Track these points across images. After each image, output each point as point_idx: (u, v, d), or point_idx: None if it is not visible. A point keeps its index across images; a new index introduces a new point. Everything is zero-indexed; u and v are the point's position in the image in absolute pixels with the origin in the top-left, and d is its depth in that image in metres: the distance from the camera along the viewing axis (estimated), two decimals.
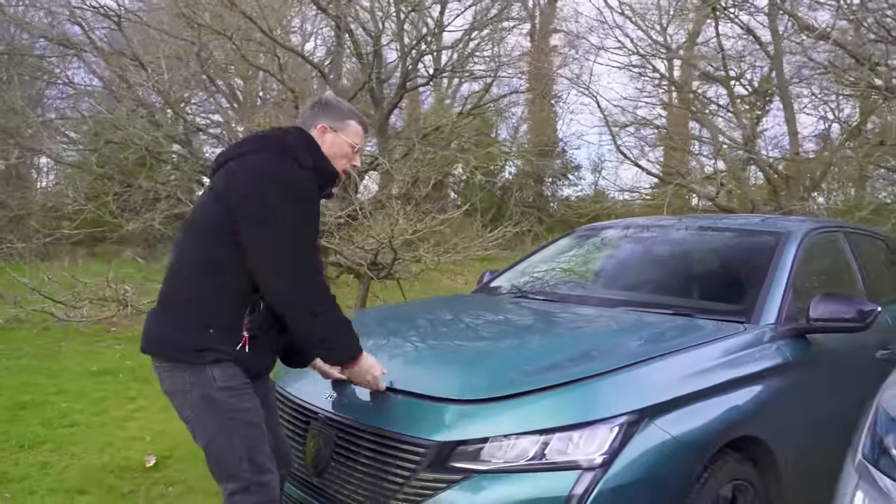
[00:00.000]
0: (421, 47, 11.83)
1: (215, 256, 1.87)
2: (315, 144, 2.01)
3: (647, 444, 1.84)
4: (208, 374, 1.84)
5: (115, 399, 4.83)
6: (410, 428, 1.91)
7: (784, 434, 2.26)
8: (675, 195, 11.17)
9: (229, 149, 2.05)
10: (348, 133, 2.07)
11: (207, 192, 2.02)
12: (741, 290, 2.71)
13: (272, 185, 1.84)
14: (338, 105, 2.09)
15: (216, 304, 1.86)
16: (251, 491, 1.86)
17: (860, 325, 2.44)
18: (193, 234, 1.95)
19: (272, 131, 2.06)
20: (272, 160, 1.90)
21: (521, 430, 1.84)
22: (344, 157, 2.07)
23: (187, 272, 1.92)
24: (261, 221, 1.83)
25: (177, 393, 1.89)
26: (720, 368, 2.15)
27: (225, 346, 1.86)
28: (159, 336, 1.91)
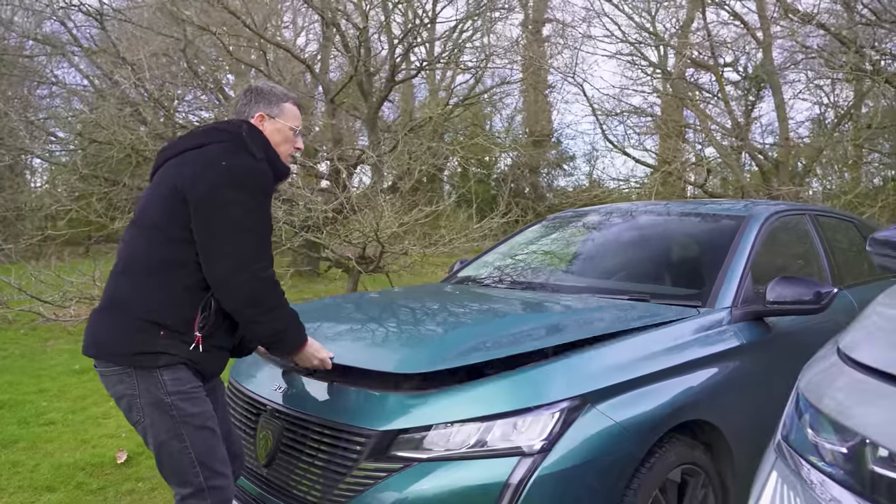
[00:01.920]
0: (409, 39, 11.79)
1: (165, 254, 1.82)
2: (264, 138, 1.97)
3: (588, 430, 1.83)
4: (158, 378, 1.78)
5: (95, 397, 4.83)
6: (352, 418, 1.91)
7: (737, 418, 2.25)
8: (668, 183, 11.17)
9: (177, 142, 1.98)
10: (286, 117, 2.03)
11: (151, 190, 1.94)
12: (700, 275, 2.70)
13: (230, 176, 1.81)
14: (270, 90, 2.05)
15: (166, 304, 1.80)
16: (204, 496, 1.82)
17: (816, 307, 2.42)
18: (140, 233, 1.89)
19: (224, 123, 2.01)
20: (228, 152, 1.86)
21: (464, 416, 1.83)
22: (286, 143, 2.04)
23: (135, 272, 1.84)
24: (218, 213, 1.79)
25: (124, 398, 1.82)
26: (669, 352, 2.14)
27: (177, 349, 1.80)
28: (106, 339, 1.83)
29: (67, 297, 8.16)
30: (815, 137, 11.98)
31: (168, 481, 1.88)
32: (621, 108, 12.51)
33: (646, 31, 11.58)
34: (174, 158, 1.92)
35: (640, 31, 11.58)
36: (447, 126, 14.68)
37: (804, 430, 1.22)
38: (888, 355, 1.19)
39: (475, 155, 15.11)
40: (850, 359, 1.23)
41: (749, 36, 11.06)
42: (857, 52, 8.51)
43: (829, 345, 1.42)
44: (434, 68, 14.10)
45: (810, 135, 12.61)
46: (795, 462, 1.22)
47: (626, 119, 12.39)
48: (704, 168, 10.43)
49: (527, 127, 19.47)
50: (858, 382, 1.18)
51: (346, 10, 11.53)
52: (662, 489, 2.01)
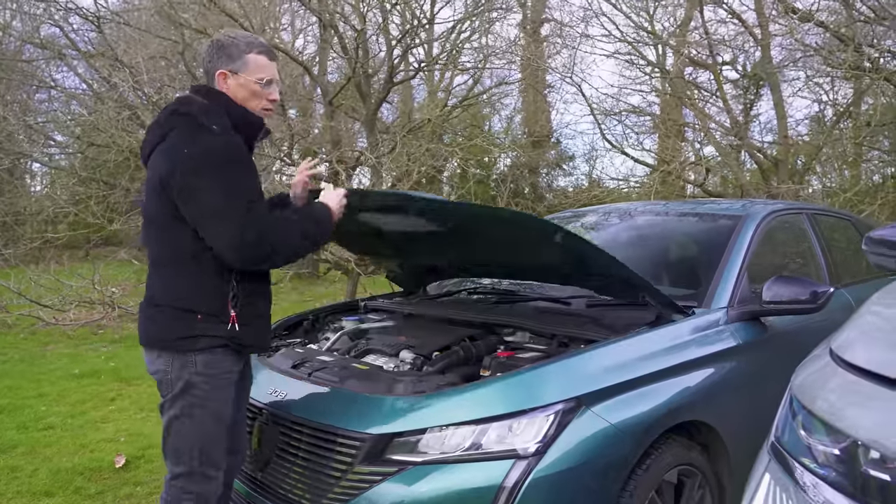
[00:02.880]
0: (407, 40, 11.79)
1: (178, 247, 1.86)
2: (223, 99, 1.91)
3: (583, 432, 1.83)
4: (192, 358, 1.85)
5: (95, 401, 4.83)
6: (347, 421, 1.91)
7: (734, 419, 2.25)
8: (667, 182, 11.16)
9: (149, 134, 1.95)
10: (249, 70, 1.93)
11: (147, 183, 1.95)
12: (696, 275, 2.70)
13: (192, 164, 1.79)
14: (231, 42, 1.94)
15: (195, 292, 1.85)
16: (193, 479, 1.87)
17: (813, 307, 2.42)
18: (152, 229, 1.92)
19: (181, 102, 1.94)
20: (186, 137, 1.83)
21: (459, 419, 1.83)
22: (255, 98, 1.95)
23: (161, 266, 1.91)
24: (192, 201, 1.79)
25: (158, 373, 1.90)
26: (665, 353, 2.14)
27: (215, 330, 1.85)
28: (150, 331, 1.91)
29: (67, 301, 8.18)
30: (814, 135, 11.97)
31: (166, 458, 1.93)
32: (620, 108, 12.51)
33: (644, 31, 11.56)
34: (154, 150, 1.91)
35: (638, 31, 11.57)
36: (446, 127, 14.67)
37: (797, 432, 1.22)
38: (880, 357, 1.19)
39: (474, 156, 15.09)
40: (843, 360, 1.23)
41: (747, 34, 11.06)
42: (856, 50, 8.50)
43: (822, 345, 1.42)
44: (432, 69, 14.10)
45: (809, 132, 12.60)
46: (788, 464, 1.22)
47: (624, 118, 12.39)
48: (703, 167, 10.41)
49: (526, 127, 19.45)
50: (851, 384, 1.18)
51: (343, 12, 11.54)
52: (659, 490, 2.00)
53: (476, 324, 2.54)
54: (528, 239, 2.16)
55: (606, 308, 2.53)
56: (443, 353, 2.29)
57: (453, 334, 2.44)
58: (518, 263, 2.52)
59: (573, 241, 2.09)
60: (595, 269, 2.25)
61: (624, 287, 2.30)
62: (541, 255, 2.26)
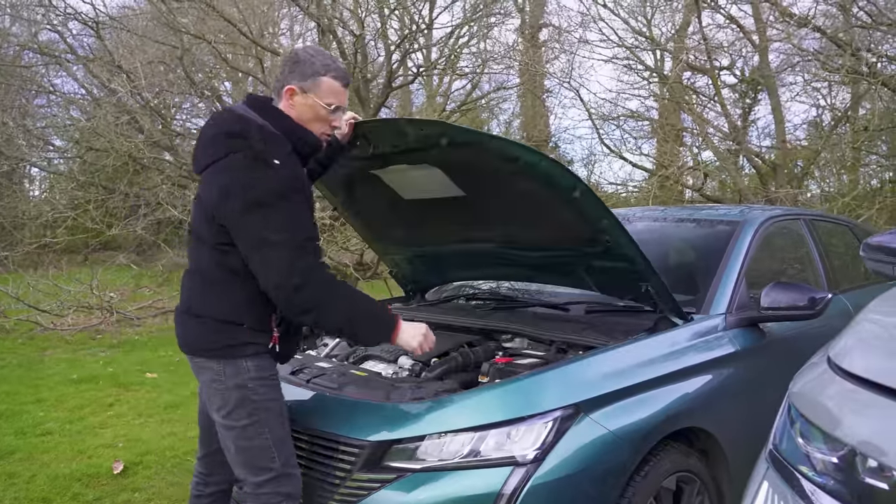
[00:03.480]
0: (405, 45, 11.82)
1: (231, 266, 1.83)
2: (286, 124, 1.83)
3: (581, 439, 1.83)
4: (243, 364, 1.84)
5: (93, 406, 4.82)
6: (346, 429, 1.91)
7: (733, 425, 2.25)
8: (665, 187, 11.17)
9: (200, 150, 1.89)
10: (320, 93, 1.86)
11: (197, 200, 1.92)
12: (694, 281, 2.70)
13: (247, 197, 1.73)
14: (308, 60, 1.86)
15: (243, 308, 1.85)
16: (281, 482, 1.85)
17: (811, 313, 2.42)
18: (202, 244, 1.88)
19: (239, 124, 1.82)
20: (244, 167, 1.76)
21: (457, 426, 1.83)
22: (319, 122, 1.88)
23: (208, 281, 1.87)
24: (244, 233, 1.76)
25: (211, 383, 1.87)
26: (663, 360, 2.14)
27: (261, 338, 1.87)
28: (195, 339, 1.89)
29: (65, 306, 8.17)
30: (812, 140, 12.00)
31: (240, 473, 1.90)
32: (618, 113, 12.54)
33: (642, 36, 11.61)
34: (204, 172, 1.86)
35: (636, 36, 11.62)
36: None
37: (795, 440, 1.22)
38: (878, 365, 1.19)
39: None
40: (841, 368, 1.23)
41: (745, 39, 11.09)
42: (854, 55, 8.53)
43: (820, 352, 1.42)
44: (431, 74, 14.12)
45: (808, 137, 12.63)
46: (786, 472, 1.22)
47: (622, 123, 12.41)
48: (702, 172, 10.43)
49: (524, 132, 19.46)
50: (848, 392, 1.18)
51: (342, 17, 11.57)
52: (657, 497, 2.00)
53: (474, 330, 2.54)
54: (550, 196, 2.05)
55: (605, 314, 2.54)
56: (441, 360, 2.29)
57: (452, 340, 2.43)
58: (532, 235, 2.37)
59: (593, 200, 2.04)
60: (609, 243, 2.15)
61: (630, 274, 2.23)
62: (558, 220, 2.15)
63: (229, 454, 1.91)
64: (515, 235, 2.43)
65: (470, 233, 2.55)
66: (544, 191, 2.04)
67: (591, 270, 2.36)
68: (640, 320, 2.37)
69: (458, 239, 2.63)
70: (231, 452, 1.90)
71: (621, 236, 2.11)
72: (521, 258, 2.54)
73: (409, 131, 1.95)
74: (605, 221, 2.08)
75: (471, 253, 2.68)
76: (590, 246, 2.21)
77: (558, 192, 2.03)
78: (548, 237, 2.28)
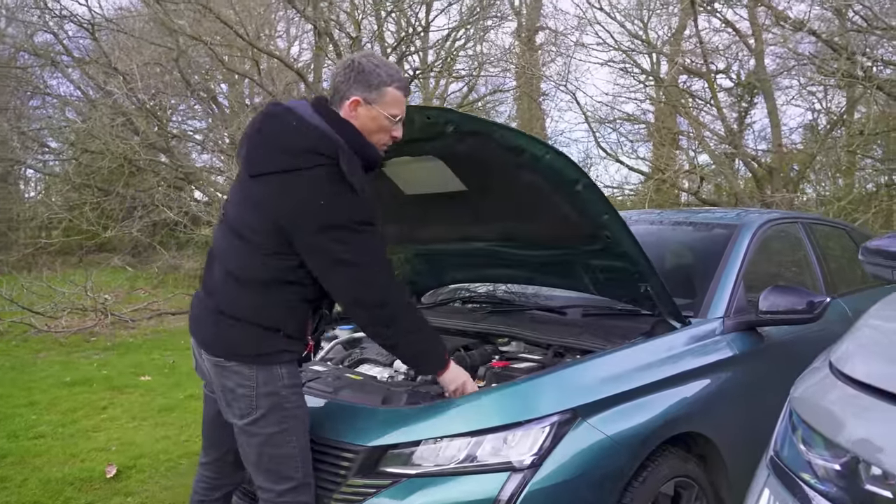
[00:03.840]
0: (402, 48, 11.82)
1: (281, 273, 1.77)
2: (358, 141, 1.77)
3: (579, 444, 1.81)
4: (277, 371, 1.80)
5: (86, 409, 4.78)
6: (341, 434, 1.89)
7: (731, 430, 2.23)
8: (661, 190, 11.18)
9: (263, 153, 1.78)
10: (385, 104, 1.80)
11: (246, 197, 1.81)
12: (692, 285, 2.68)
13: (327, 218, 1.69)
14: (373, 69, 1.80)
15: (286, 315, 1.81)
16: (301, 491, 1.83)
17: (810, 317, 2.41)
18: (245, 244, 1.79)
19: (320, 140, 1.73)
20: (325, 185, 1.69)
21: (454, 431, 1.81)
22: (382, 132, 1.82)
23: (251, 283, 1.79)
24: (322, 255, 1.73)
25: (239, 388, 1.79)
26: (661, 364, 2.12)
27: (296, 348, 1.85)
28: (230, 342, 1.81)
29: (59, 308, 8.12)
30: (808, 143, 12.02)
31: (261, 480, 1.85)
32: (614, 116, 12.55)
33: (638, 39, 11.62)
34: (270, 176, 1.75)
35: (632, 39, 11.63)
36: None
37: (797, 446, 1.20)
38: (880, 370, 1.17)
39: None
40: (842, 373, 1.21)
41: (741, 43, 11.11)
42: (849, 59, 8.55)
43: (822, 357, 1.40)
44: (427, 77, 14.12)
45: (803, 141, 12.66)
46: (788, 479, 1.20)
47: (619, 126, 12.42)
48: (698, 175, 10.44)
49: None
50: (851, 398, 1.17)
51: (338, 19, 11.56)
52: (655, 502, 1.98)
53: (470, 333, 2.52)
54: (553, 189, 2.03)
55: (602, 318, 2.52)
56: None
57: (448, 344, 2.41)
58: (532, 232, 2.34)
59: (595, 194, 2.03)
60: (610, 239, 2.13)
61: (630, 274, 2.21)
62: (560, 214, 2.12)
63: (249, 461, 1.86)
64: (514, 232, 2.40)
65: (469, 230, 2.52)
66: (547, 184, 2.02)
67: (590, 270, 2.34)
68: (638, 324, 2.35)
69: (456, 237, 2.61)
70: (252, 460, 1.85)
71: (622, 232, 2.09)
72: (519, 258, 2.52)
73: (415, 118, 1.91)
74: (607, 216, 2.06)
75: (469, 253, 2.66)
76: (589, 243, 2.19)
77: (562, 185, 2.00)
78: (547, 234, 2.25)
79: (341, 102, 1.82)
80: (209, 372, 1.89)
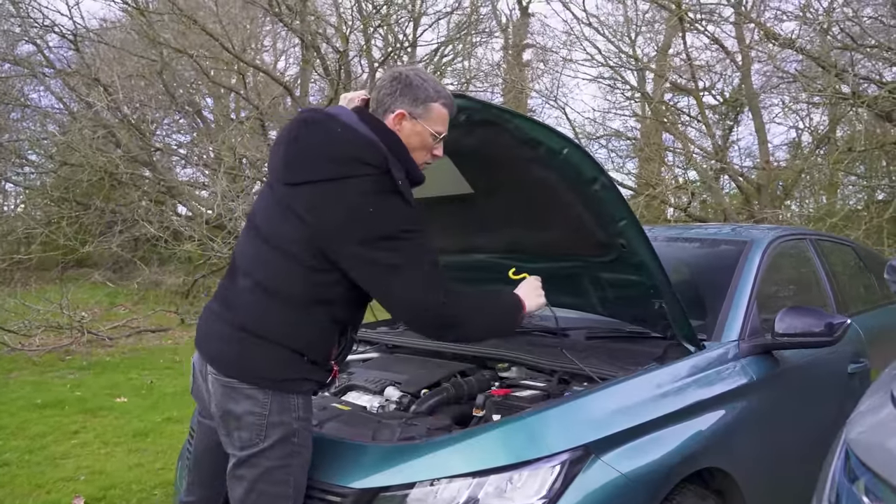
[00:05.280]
0: (390, 62, 11.72)
1: (316, 285, 1.65)
2: (403, 155, 1.69)
3: (593, 484, 1.63)
4: (293, 401, 1.66)
5: (56, 434, 4.53)
6: (327, 474, 1.69)
7: (749, 463, 2.07)
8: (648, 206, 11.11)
9: (301, 159, 1.67)
10: (430, 120, 1.72)
11: (280, 205, 1.68)
12: (703, 305, 2.52)
13: (378, 226, 1.59)
14: (421, 84, 1.72)
15: (315, 338, 1.68)
16: None
17: (829, 340, 2.26)
18: (280, 255, 1.66)
19: (367, 149, 1.64)
20: (374, 192, 1.60)
21: (452, 472, 1.62)
22: (424, 149, 1.74)
23: (284, 301, 1.66)
24: (372, 265, 1.61)
25: (248, 414, 1.63)
26: (677, 393, 1.95)
27: (319, 375, 1.72)
28: (252, 363, 1.66)
29: (33, 326, 7.84)
30: (792, 160, 12.03)
31: None
32: (603, 132, 12.51)
33: (626, 55, 11.61)
34: (315, 185, 1.64)
35: (619, 55, 11.61)
36: None
37: (859, 498, 1.03)
38: None
39: None
40: None
41: (728, 60, 11.13)
42: (838, 76, 8.55)
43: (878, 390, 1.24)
44: None
45: (788, 158, 12.68)
46: None
47: (607, 143, 12.37)
48: (689, 191, 10.38)
49: None
50: None
51: (325, 33, 11.44)
52: None
53: (467, 357, 2.35)
54: (567, 188, 1.88)
55: (608, 340, 2.36)
56: (432, 391, 2.09)
57: (443, 369, 2.24)
58: (540, 241, 2.18)
59: (613, 196, 1.88)
60: (625, 248, 1.99)
61: (644, 289, 2.05)
62: (572, 218, 1.97)
63: (234, 494, 1.67)
64: (521, 242, 2.25)
65: (473, 241, 2.38)
66: (562, 182, 1.87)
67: (599, 285, 2.17)
68: (648, 347, 2.19)
69: (459, 248, 2.45)
70: (238, 494, 1.65)
71: (638, 239, 1.93)
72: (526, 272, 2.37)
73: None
74: (624, 222, 1.90)
75: (468, 266, 2.49)
76: (601, 254, 2.03)
77: (578, 184, 1.85)
78: (556, 243, 2.09)
79: (385, 115, 1.73)
80: (212, 394, 1.71)
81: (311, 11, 10.74)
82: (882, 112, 8.99)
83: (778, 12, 10.24)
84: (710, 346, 2.22)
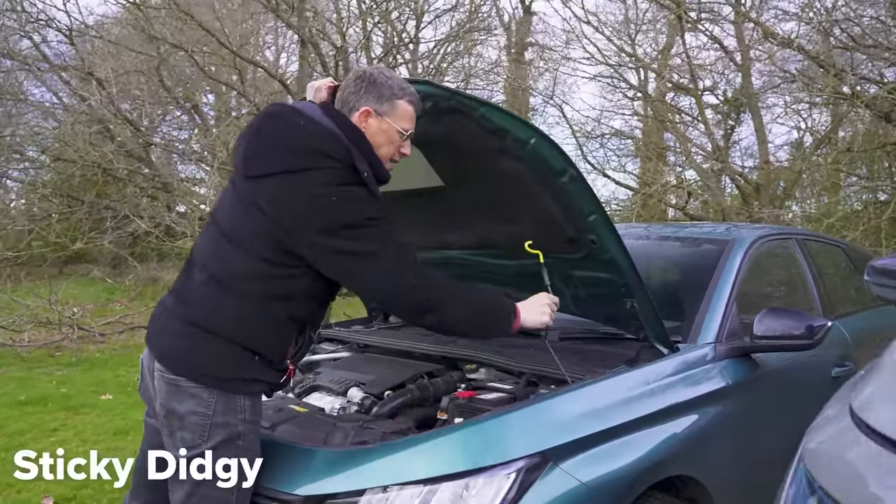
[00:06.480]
0: (389, 59, 11.65)
1: (274, 282, 1.61)
2: (367, 149, 1.66)
3: (550, 493, 1.56)
4: (239, 402, 1.60)
5: (35, 432, 4.47)
6: (271, 479, 1.62)
7: (723, 471, 1.99)
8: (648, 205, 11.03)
9: (260, 151, 1.65)
10: (396, 117, 1.70)
11: (240, 200, 1.66)
12: (680, 306, 2.45)
13: (340, 215, 1.57)
14: (385, 81, 1.71)
15: (269, 333, 1.63)
16: None
17: (809, 343, 2.18)
18: (237, 248, 1.63)
19: (329, 141, 1.62)
20: (335, 181, 1.58)
21: (403, 479, 1.55)
22: (390, 146, 1.72)
23: (240, 296, 1.61)
24: (336, 254, 1.59)
25: (190, 415, 1.57)
26: (647, 397, 1.88)
27: (271, 376, 1.66)
28: (199, 359, 1.60)
29: (22, 322, 7.80)
30: (793, 161, 11.93)
31: None
32: (602, 131, 12.43)
33: (625, 54, 11.52)
34: (274, 177, 1.61)
35: (619, 54, 11.52)
36: None
37: None
38: None
39: None
40: (866, 424, 0.98)
41: (728, 59, 11.04)
42: (837, 76, 8.45)
43: (838, 400, 1.17)
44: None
45: (789, 158, 12.58)
46: None
47: (606, 142, 12.29)
48: (686, 190, 10.30)
49: None
50: (877, 456, 0.93)
51: (324, 29, 11.36)
52: None
53: (436, 358, 2.28)
54: (535, 180, 1.84)
55: (581, 342, 2.28)
56: (395, 393, 2.02)
57: (410, 370, 2.17)
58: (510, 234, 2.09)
59: (582, 190, 1.82)
60: (595, 244, 1.93)
61: (615, 287, 1.99)
62: (540, 211, 1.92)
63: (175, 498, 1.61)
64: (492, 237, 2.20)
65: (444, 236, 2.33)
66: (530, 174, 1.81)
67: (571, 283, 2.10)
68: (620, 349, 2.11)
69: (431, 245, 2.40)
70: (178, 498, 1.59)
71: (609, 236, 1.86)
72: (491, 268, 2.30)
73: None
74: (594, 217, 1.84)
75: (438, 262, 2.42)
76: (571, 251, 1.97)
77: (545, 175, 1.79)
78: (526, 237, 2.03)
79: (350, 114, 1.71)
80: (157, 392, 1.64)
81: (310, 7, 10.67)
82: (881, 112, 8.90)
83: (778, 12, 10.17)
84: (685, 348, 2.14)
